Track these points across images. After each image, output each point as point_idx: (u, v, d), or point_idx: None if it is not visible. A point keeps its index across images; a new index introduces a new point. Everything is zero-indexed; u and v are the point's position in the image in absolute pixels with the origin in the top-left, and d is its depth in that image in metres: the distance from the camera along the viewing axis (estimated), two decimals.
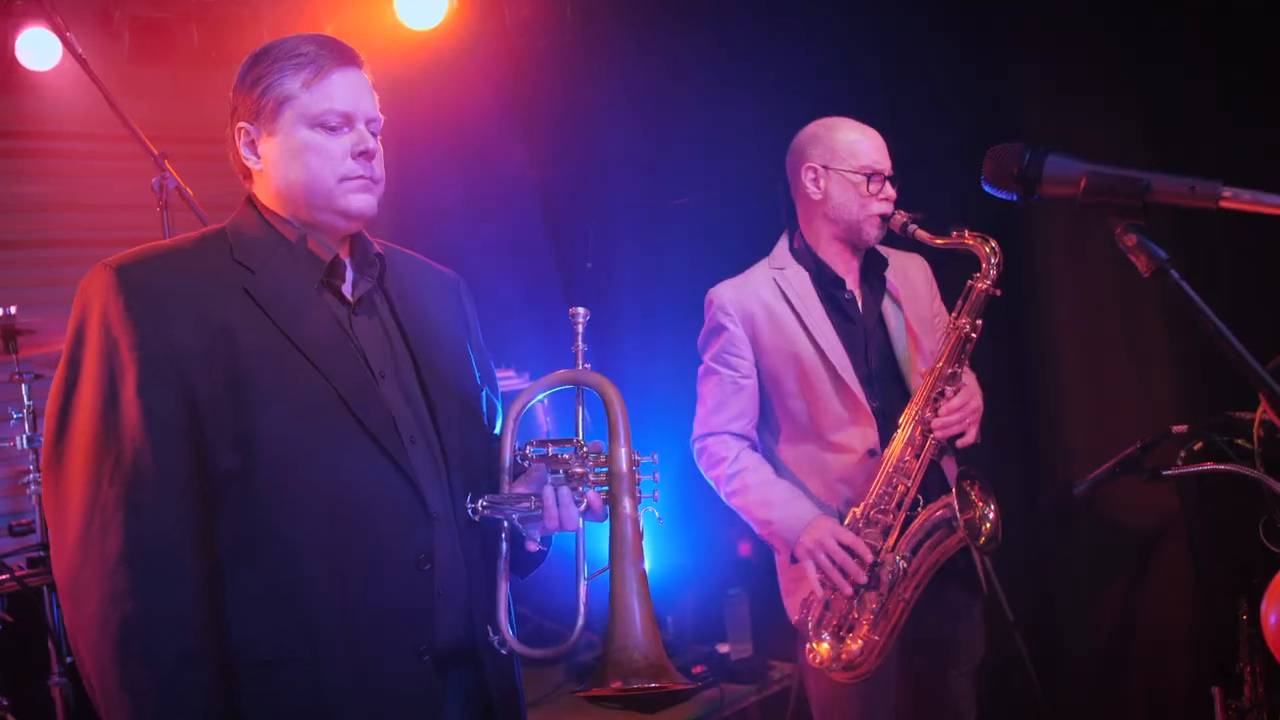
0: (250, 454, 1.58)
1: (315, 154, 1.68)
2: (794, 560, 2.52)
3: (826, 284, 2.63)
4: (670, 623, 4.50)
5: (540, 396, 1.80)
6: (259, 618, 1.59)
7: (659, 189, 4.75)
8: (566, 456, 1.75)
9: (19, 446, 3.34)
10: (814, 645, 2.48)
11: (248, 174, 1.76)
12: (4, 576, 2.98)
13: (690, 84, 4.35)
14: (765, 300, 2.63)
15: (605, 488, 1.72)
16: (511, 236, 5.02)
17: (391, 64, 4.83)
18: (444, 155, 5.16)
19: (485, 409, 1.90)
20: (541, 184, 5.00)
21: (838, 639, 2.47)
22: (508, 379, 4.57)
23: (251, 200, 1.77)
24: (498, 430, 1.89)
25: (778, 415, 2.66)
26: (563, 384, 1.79)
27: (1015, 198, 1.40)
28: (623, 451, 1.70)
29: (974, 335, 2.47)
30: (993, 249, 2.45)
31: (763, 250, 2.77)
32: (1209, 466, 2.50)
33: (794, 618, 2.62)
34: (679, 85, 4.38)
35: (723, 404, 2.66)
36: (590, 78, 4.62)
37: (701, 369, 2.72)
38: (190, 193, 3.01)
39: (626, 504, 1.68)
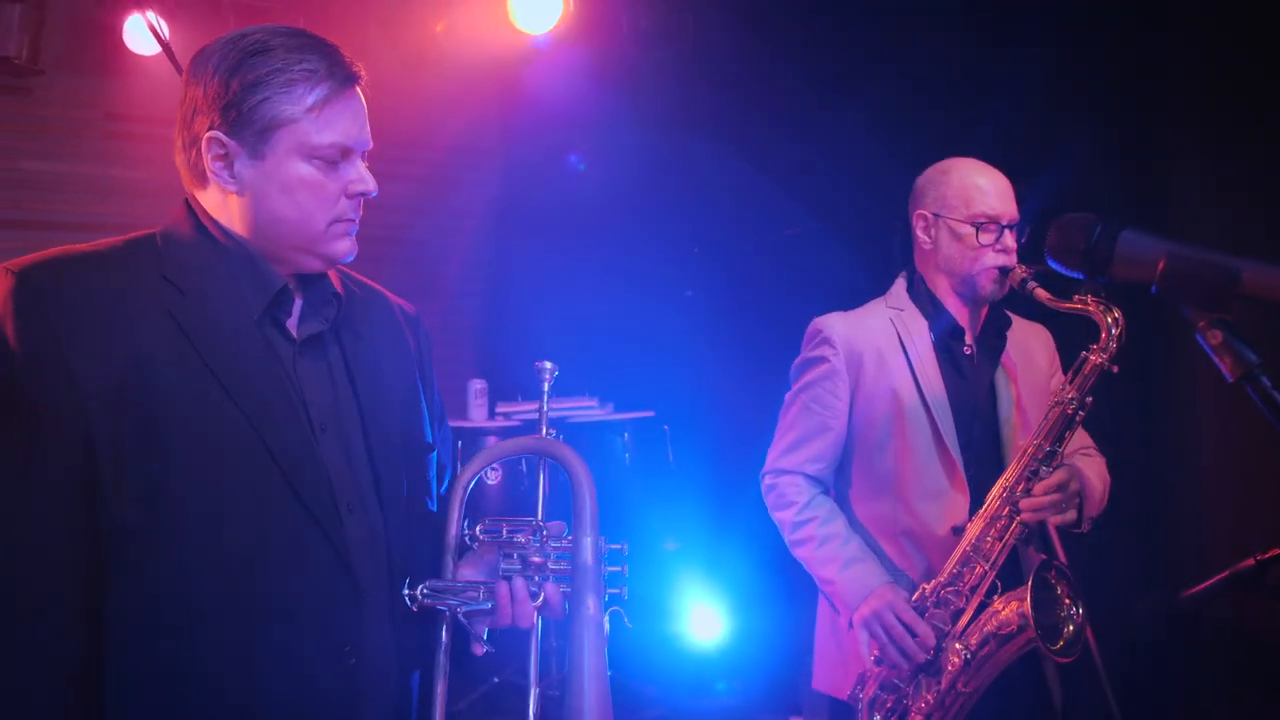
0: (156, 510, 1.39)
1: (311, 192, 1.50)
2: (850, 626, 2.43)
3: (944, 333, 2.52)
4: (739, 688, 4.41)
5: (483, 471, 1.67)
6: (145, 707, 1.40)
7: (770, 217, 4.67)
8: (522, 539, 1.60)
9: None
10: None
11: (200, 179, 1.54)
12: None
13: (813, 108, 4.27)
14: (877, 342, 2.52)
15: (566, 579, 1.57)
16: (608, 255, 5.00)
17: (501, 66, 4.93)
18: (546, 164, 5.19)
19: (434, 473, 1.73)
20: (645, 203, 4.97)
21: None
22: (589, 408, 4.55)
23: (191, 207, 1.56)
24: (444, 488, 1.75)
25: (858, 468, 2.55)
26: (523, 452, 1.66)
27: (1082, 277, 1.28)
28: (588, 540, 1.56)
29: (1081, 412, 2.31)
30: (1115, 319, 2.29)
31: (873, 290, 2.67)
32: None
33: (818, 683, 2.56)
34: (801, 108, 4.30)
35: (804, 441, 2.55)
36: (706, 95, 4.58)
37: (788, 396, 2.62)
38: None
39: (590, 603, 1.53)
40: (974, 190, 2.46)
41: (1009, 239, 2.46)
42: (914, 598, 2.39)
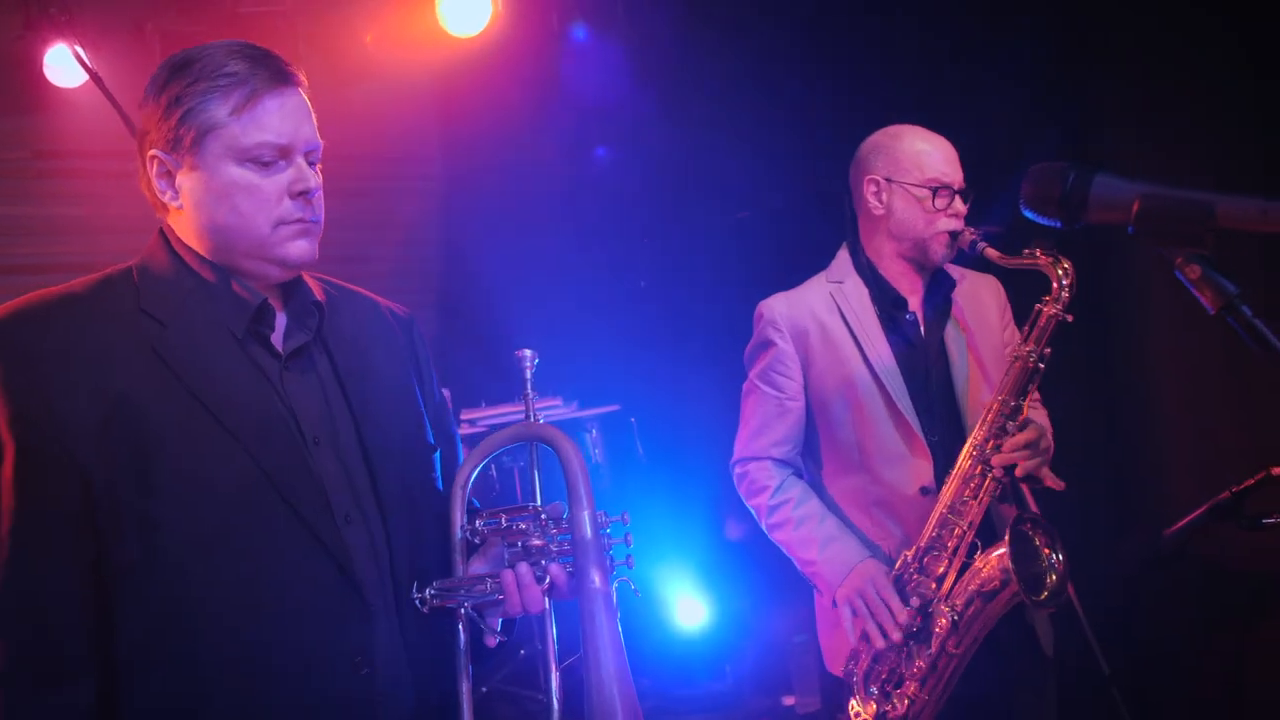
0: (154, 543, 1.42)
1: (246, 195, 1.52)
2: (834, 605, 2.46)
3: (887, 303, 2.56)
4: (728, 672, 4.46)
5: (483, 464, 1.68)
6: None
7: (718, 202, 4.72)
8: (523, 526, 1.62)
9: None
10: (857, 701, 2.42)
11: (162, 205, 1.59)
12: None
13: (751, 91, 4.31)
14: (819, 316, 2.56)
15: (570, 559, 1.59)
16: (559, 252, 5.02)
17: (434, 72, 4.93)
18: (489, 166, 5.20)
19: (440, 474, 1.74)
20: (592, 197, 5.00)
21: (884, 695, 2.40)
22: (554, 408, 4.58)
23: (165, 234, 1.60)
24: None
25: (825, 444, 2.58)
26: (513, 442, 1.68)
27: (1059, 225, 1.30)
28: (585, 515, 1.57)
29: (1041, 365, 2.35)
30: (1065, 270, 2.34)
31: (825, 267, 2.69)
32: None
33: (830, 665, 2.56)
34: (739, 93, 4.35)
35: (766, 426, 2.59)
36: (643, 86, 4.62)
37: (745, 386, 2.66)
38: None
39: (594, 576, 1.55)
40: (926, 155, 2.50)
41: (959, 204, 2.50)
42: (896, 567, 2.42)
